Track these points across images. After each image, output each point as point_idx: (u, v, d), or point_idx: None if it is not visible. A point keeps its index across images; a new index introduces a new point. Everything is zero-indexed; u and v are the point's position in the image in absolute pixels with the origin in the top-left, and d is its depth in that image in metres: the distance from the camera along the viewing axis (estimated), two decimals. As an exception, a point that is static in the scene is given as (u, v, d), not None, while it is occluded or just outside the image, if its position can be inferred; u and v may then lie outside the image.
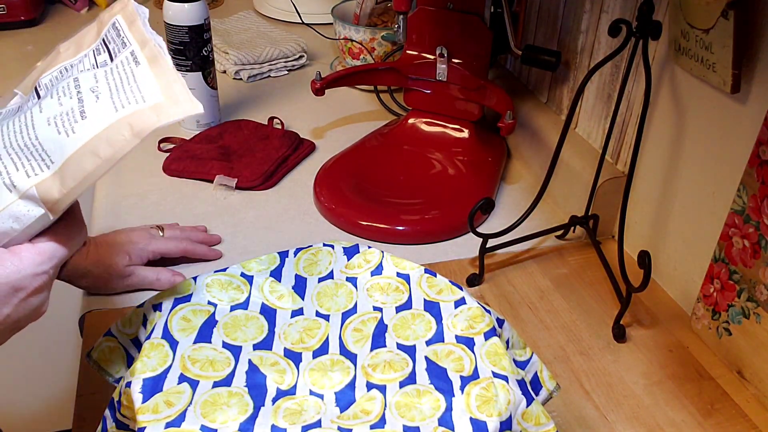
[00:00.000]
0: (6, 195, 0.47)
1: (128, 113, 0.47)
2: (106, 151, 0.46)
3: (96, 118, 0.47)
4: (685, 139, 0.80)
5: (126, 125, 0.47)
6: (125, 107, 0.48)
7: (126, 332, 0.59)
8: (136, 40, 0.52)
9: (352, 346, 0.56)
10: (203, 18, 1.06)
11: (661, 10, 0.79)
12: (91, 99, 0.48)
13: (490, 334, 0.56)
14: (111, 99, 0.48)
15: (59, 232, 0.50)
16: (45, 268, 0.49)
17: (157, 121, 0.47)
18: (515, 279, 0.87)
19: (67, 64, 0.54)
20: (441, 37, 1.01)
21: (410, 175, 1.01)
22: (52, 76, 0.54)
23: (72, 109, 0.48)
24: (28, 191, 0.47)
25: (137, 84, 0.49)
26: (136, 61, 0.51)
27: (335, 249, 0.65)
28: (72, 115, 0.48)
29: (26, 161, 0.47)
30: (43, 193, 0.47)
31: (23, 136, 0.48)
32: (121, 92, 0.49)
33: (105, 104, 0.48)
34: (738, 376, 0.74)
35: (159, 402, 0.49)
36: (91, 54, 0.54)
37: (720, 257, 0.74)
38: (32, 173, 0.47)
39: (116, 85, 0.49)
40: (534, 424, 0.52)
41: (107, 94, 0.49)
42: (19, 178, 0.47)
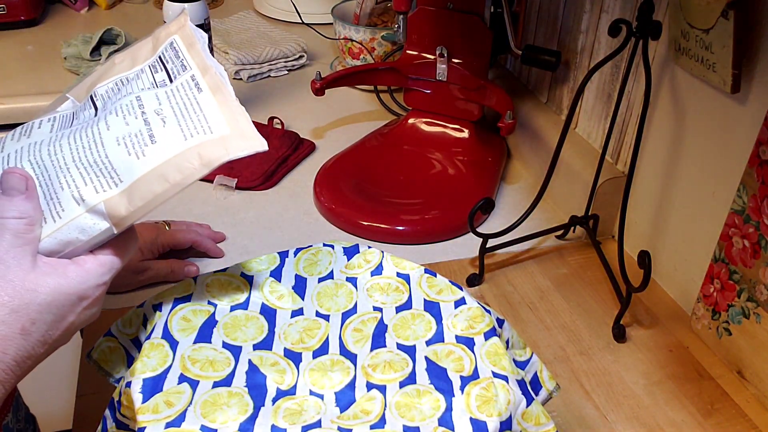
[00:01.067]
0: (74, 207, 0.49)
1: (197, 143, 0.50)
2: (175, 177, 0.49)
3: (166, 144, 0.50)
4: (685, 139, 0.80)
5: (195, 155, 0.50)
6: (194, 136, 0.50)
7: (126, 332, 0.59)
8: (197, 65, 0.54)
9: (352, 346, 0.56)
10: (203, 18, 1.06)
11: (661, 10, 0.79)
12: (158, 123, 0.51)
13: (490, 334, 0.56)
14: (179, 126, 0.51)
15: (118, 245, 0.52)
16: (106, 279, 0.51)
17: (226, 154, 0.50)
18: (515, 279, 0.87)
19: (123, 77, 0.56)
20: (441, 37, 1.01)
21: (410, 175, 1.01)
22: (108, 87, 0.56)
23: (141, 132, 0.50)
24: (96, 206, 0.49)
25: (203, 113, 0.51)
26: (198, 88, 0.53)
27: (335, 249, 0.65)
28: (141, 138, 0.50)
29: (95, 177, 0.50)
30: (111, 210, 0.49)
31: (92, 152, 0.50)
32: (187, 119, 0.51)
33: (173, 131, 0.50)
34: (738, 376, 0.74)
35: (159, 402, 0.49)
36: (148, 70, 0.56)
37: (720, 257, 0.74)
38: (101, 189, 0.49)
39: (181, 111, 0.52)
40: (534, 424, 0.52)
41: (173, 119, 0.51)
42: (88, 192, 0.49)
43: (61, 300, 0.49)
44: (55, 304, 0.48)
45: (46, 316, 0.48)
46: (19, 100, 1.19)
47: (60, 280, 0.49)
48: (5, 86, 1.22)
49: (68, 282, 0.49)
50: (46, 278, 0.48)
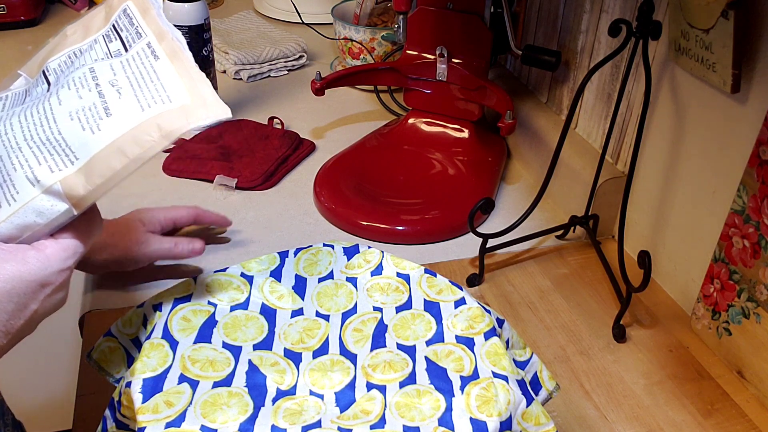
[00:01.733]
0: (29, 189, 0.46)
1: (155, 114, 0.47)
2: (134, 150, 0.46)
3: (122, 117, 0.47)
4: (685, 139, 0.80)
5: (155, 126, 0.47)
6: (151, 107, 0.47)
7: (126, 332, 0.59)
8: (153, 32, 0.51)
9: (352, 346, 0.56)
10: (203, 18, 1.06)
11: (661, 10, 0.79)
12: (113, 95, 0.48)
13: (490, 334, 0.56)
14: (135, 97, 0.48)
15: (80, 227, 0.50)
16: (69, 263, 0.49)
17: (187, 123, 0.47)
18: (515, 279, 0.87)
19: (76, 49, 0.53)
20: (441, 37, 1.01)
21: (410, 175, 1.01)
22: (61, 60, 0.53)
23: (95, 105, 0.47)
24: (53, 186, 0.46)
25: (161, 82, 0.48)
26: (155, 55, 0.50)
27: (335, 249, 0.65)
28: (96, 111, 0.47)
29: (49, 156, 0.46)
30: (69, 189, 0.46)
31: (44, 129, 0.47)
32: (144, 90, 0.48)
33: (130, 102, 0.47)
34: (738, 376, 0.74)
35: (159, 402, 0.49)
36: (102, 40, 0.52)
37: (720, 257, 0.74)
38: (56, 168, 0.46)
39: (137, 80, 0.48)
40: (534, 424, 0.52)
41: (129, 90, 0.48)
42: (42, 172, 0.46)
43: (21, 287, 0.46)
44: (15, 292, 0.46)
45: (6, 305, 0.46)
46: None
47: (19, 266, 0.46)
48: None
49: (28, 268, 0.47)
50: (5, 265, 0.46)
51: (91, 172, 0.46)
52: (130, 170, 0.47)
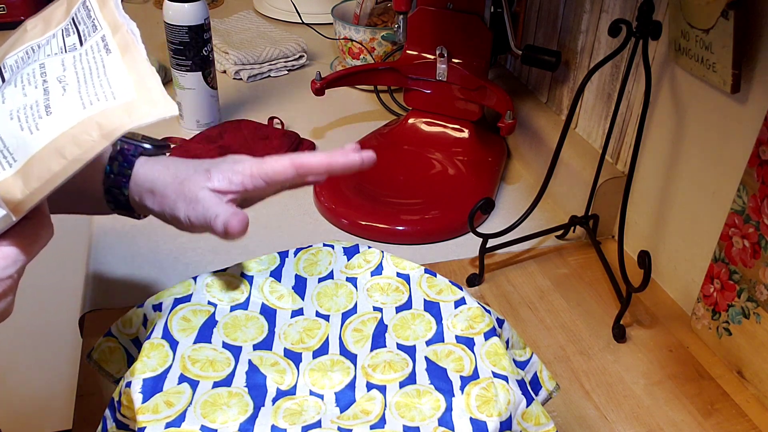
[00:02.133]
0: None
1: (97, 111, 0.43)
2: (72, 151, 0.43)
3: (62, 115, 0.43)
4: (685, 139, 0.80)
5: (94, 125, 0.43)
6: (93, 104, 0.44)
7: (126, 332, 0.59)
8: (108, 24, 0.48)
9: (352, 346, 0.56)
10: (203, 18, 1.06)
11: (661, 10, 0.79)
12: (57, 91, 0.44)
13: (490, 334, 0.56)
14: (79, 93, 0.44)
15: (25, 233, 0.46)
16: (9, 272, 0.45)
17: (129, 122, 0.43)
18: (515, 279, 0.87)
19: (34, 44, 0.50)
20: (441, 37, 1.01)
21: (410, 175, 1.01)
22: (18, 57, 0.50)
23: (37, 102, 0.44)
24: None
25: (107, 77, 0.45)
26: (107, 49, 0.46)
27: (335, 249, 0.65)
28: (36, 109, 0.44)
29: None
30: (5, 193, 0.43)
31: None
32: (89, 86, 0.44)
33: (72, 99, 0.44)
34: (738, 376, 0.74)
35: (159, 402, 0.49)
36: (60, 35, 0.49)
37: (720, 257, 0.74)
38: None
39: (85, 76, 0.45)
40: (534, 424, 0.52)
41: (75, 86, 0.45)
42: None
43: None
44: None
45: None
46: None
47: None
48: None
49: None
50: None
51: (28, 175, 0.43)
52: (69, 173, 0.43)
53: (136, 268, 0.85)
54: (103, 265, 0.85)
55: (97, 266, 0.85)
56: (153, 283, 0.82)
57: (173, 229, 0.90)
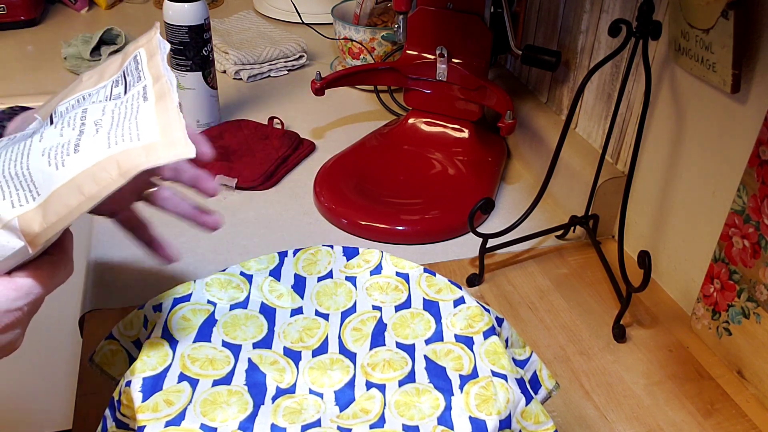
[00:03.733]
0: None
1: (118, 151, 0.46)
2: (90, 188, 0.45)
3: (88, 153, 0.46)
4: (685, 139, 0.80)
5: (114, 163, 0.45)
6: (118, 144, 0.46)
7: (127, 334, 0.59)
8: (151, 75, 0.52)
9: (352, 345, 0.56)
10: (203, 18, 1.06)
11: (661, 10, 0.79)
12: (90, 132, 0.47)
13: (489, 333, 0.56)
14: (107, 134, 0.47)
15: (42, 267, 0.47)
16: (19, 304, 0.46)
17: (146, 162, 0.45)
18: (515, 279, 0.87)
19: (85, 93, 0.54)
20: (441, 37, 1.01)
21: (410, 175, 1.01)
22: (69, 104, 0.53)
23: (69, 142, 0.47)
24: (10, 222, 0.45)
25: (137, 121, 0.48)
26: (145, 97, 0.50)
27: (334, 249, 0.65)
28: (66, 148, 0.46)
29: (14, 191, 0.46)
30: (24, 226, 0.45)
31: (16, 164, 0.47)
32: (119, 128, 0.47)
33: (100, 139, 0.47)
34: (738, 376, 0.74)
35: (159, 401, 0.49)
36: (110, 85, 0.53)
37: (720, 257, 0.73)
38: (17, 204, 0.45)
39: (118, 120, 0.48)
40: (533, 423, 0.52)
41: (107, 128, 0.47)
42: (4, 207, 0.45)
43: None
44: None
45: None
46: (19, 100, 1.18)
47: None
48: (5, 86, 1.22)
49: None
50: None
51: (47, 210, 0.45)
52: (84, 209, 0.45)
53: (136, 268, 0.85)
54: (103, 265, 0.85)
55: (97, 266, 0.85)
56: (153, 283, 0.82)
57: (174, 230, 0.90)
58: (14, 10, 1.42)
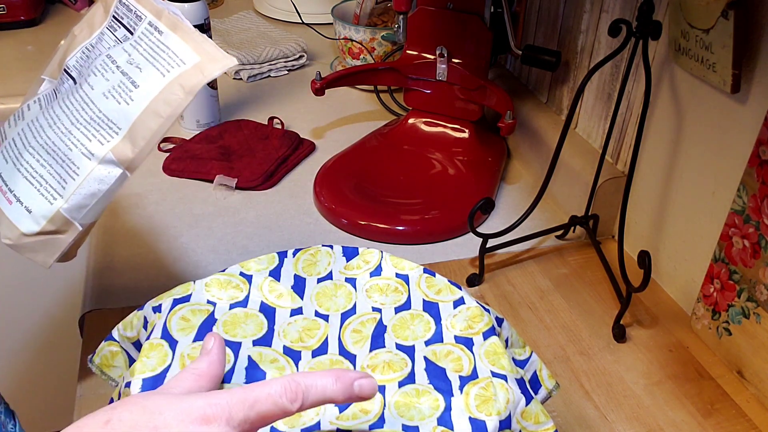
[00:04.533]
0: (86, 163, 0.54)
1: (176, 75, 0.54)
2: (165, 110, 0.54)
3: (148, 85, 0.54)
4: (685, 139, 0.80)
5: (178, 86, 0.54)
6: (170, 72, 0.54)
7: (127, 336, 0.59)
8: (150, 12, 0.58)
9: (352, 346, 0.56)
10: (203, 18, 1.06)
11: (661, 10, 0.79)
12: (134, 71, 0.55)
13: (489, 334, 0.56)
14: (154, 67, 0.55)
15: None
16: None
17: (204, 78, 0.54)
18: (515, 279, 0.87)
19: (87, 44, 0.60)
20: (441, 37, 1.01)
21: (410, 175, 1.01)
22: (77, 57, 0.60)
23: (122, 82, 0.55)
24: (106, 156, 0.54)
25: (170, 50, 0.55)
26: (158, 31, 0.56)
27: (334, 250, 0.65)
28: (125, 87, 0.55)
29: (95, 132, 0.54)
30: (119, 156, 0.54)
31: (86, 111, 0.55)
32: (160, 60, 0.55)
33: (151, 72, 0.54)
34: (738, 376, 0.74)
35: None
36: (107, 31, 0.60)
37: (720, 257, 0.73)
38: (104, 141, 0.54)
39: (151, 54, 0.56)
40: (533, 423, 0.52)
41: (147, 63, 0.55)
42: (94, 146, 0.54)
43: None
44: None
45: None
46: (19, 100, 1.19)
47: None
48: (5, 86, 1.22)
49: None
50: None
51: (134, 137, 0.54)
52: (165, 128, 0.54)
53: (136, 268, 0.85)
54: (103, 265, 0.85)
55: (97, 266, 0.85)
56: (153, 284, 0.82)
57: (174, 230, 0.91)
58: (14, 10, 1.42)
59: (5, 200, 0.56)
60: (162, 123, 0.54)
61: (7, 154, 0.57)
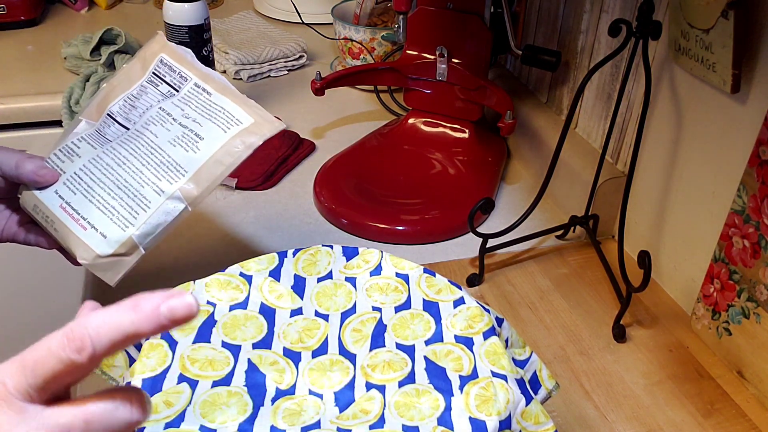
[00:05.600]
0: (156, 198, 0.63)
1: (236, 132, 0.63)
2: (228, 160, 0.63)
3: (211, 139, 0.63)
4: (685, 139, 0.80)
5: (239, 141, 0.63)
6: (231, 129, 0.64)
7: None
8: (195, 75, 0.67)
9: (352, 346, 0.56)
10: (203, 18, 1.06)
11: (661, 10, 0.79)
12: (193, 124, 0.64)
13: (489, 334, 0.56)
14: (215, 124, 0.64)
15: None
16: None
17: (260, 137, 0.64)
18: (515, 279, 0.87)
19: (129, 95, 0.69)
20: (441, 37, 1.01)
21: (410, 175, 1.01)
22: (119, 105, 0.69)
23: (185, 134, 0.64)
24: (174, 194, 0.62)
25: (225, 110, 0.65)
26: (207, 92, 0.66)
27: (334, 249, 0.65)
28: (190, 138, 0.64)
29: (164, 173, 0.63)
30: (185, 194, 0.63)
31: (156, 156, 0.63)
32: (217, 118, 0.64)
33: (213, 128, 0.64)
34: (738, 376, 0.74)
35: (158, 402, 0.49)
36: (149, 86, 0.69)
37: (720, 257, 0.73)
38: (173, 181, 0.63)
39: (205, 112, 0.65)
40: (533, 423, 0.52)
41: (205, 119, 0.64)
42: (164, 185, 0.63)
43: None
44: None
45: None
46: (19, 100, 1.19)
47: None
48: (5, 86, 1.22)
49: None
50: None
51: (199, 180, 0.63)
52: (225, 174, 0.63)
53: (137, 268, 0.85)
54: (102, 265, 0.85)
55: (97, 266, 0.85)
56: (153, 284, 0.82)
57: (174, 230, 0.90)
58: (14, 10, 1.41)
59: (79, 227, 0.63)
60: (223, 170, 0.63)
61: (74, 187, 0.64)
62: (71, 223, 0.64)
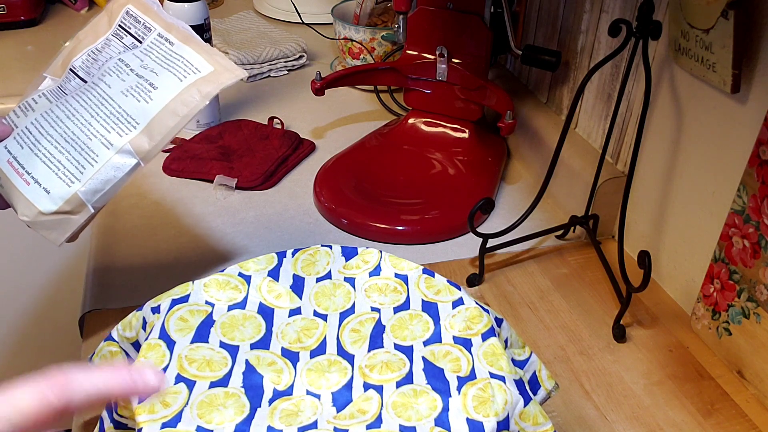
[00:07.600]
0: (105, 152, 0.60)
1: (192, 81, 0.61)
2: (183, 110, 0.60)
3: (166, 88, 0.60)
4: (685, 139, 0.80)
5: (195, 90, 0.60)
6: (187, 77, 0.61)
7: (126, 336, 0.59)
8: (160, 25, 0.64)
9: (350, 346, 0.56)
10: (203, 18, 1.06)
11: (661, 10, 0.79)
12: (150, 74, 0.61)
13: (488, 335, 0.56)
14: (171, 72, 0.61)
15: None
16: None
17: (218, 85, 0.62)
18: (515, 279, 0.87)
19: (94, 48, 0.67)
20: (441, 37, 1.01)
21: (410, 175, 1.01)
22: (83, 59, 0.66)
23: (140, 84, 0.61)
24: (123, 147, 0.60)
25: (185, 59, 0.62)
26: (169, 42, 0.63)
27: (333, 250, 0.65)
28: (143, 87, 0.61)
29: (114, 125, 0.60)
30: (136, 147, 0.60)
31: (106, 107, 0.60)
32: (175, 66, 0.61)
33: (169, 76, 0.61)
34: (738, 376, 0.74)
35: (155, 402, 0.49)
36: (114, 38, 0.66)
37: (720, 257, 0.73)
38: (123, 133, 0.60)
39: (163, 61, 0.62)
40: (532, 424, 0.51)
41: (162, 69, 0.61)
42: (113, 138, 0.60)
43: None
44: None
45: None
46: (19, 100, 1.18)
47: None
48: (5, 86, 1.22)
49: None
50: None
51: (151, 132, 0.60)
52: (180, 126, 0.61)
53: (136, 268, 0.85)
54: (103, 265, 0.85)
55: (97, 266, 0.85)
56: (153, 284, 0.82)
57: (173, 230, 0.91)
58: (14, 10, 1.42)
59: (23, 181, 0.60)
60: (178, 121, 0.60)
61: (22, 141, 0.61)
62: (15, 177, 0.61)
